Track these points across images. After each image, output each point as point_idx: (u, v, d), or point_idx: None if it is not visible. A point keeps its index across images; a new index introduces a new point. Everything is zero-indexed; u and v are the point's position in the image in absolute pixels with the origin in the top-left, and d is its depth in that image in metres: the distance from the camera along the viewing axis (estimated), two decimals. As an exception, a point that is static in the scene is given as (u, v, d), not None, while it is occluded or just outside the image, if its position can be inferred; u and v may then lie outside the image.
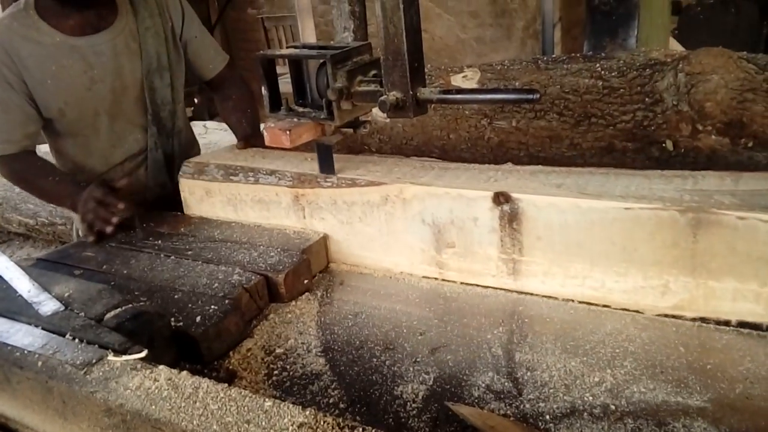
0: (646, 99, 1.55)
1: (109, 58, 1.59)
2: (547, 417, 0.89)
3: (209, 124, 4.63)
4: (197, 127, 4.57)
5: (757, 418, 0.85)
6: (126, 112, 1.67)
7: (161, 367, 0.88)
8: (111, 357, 0.91)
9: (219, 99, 1.94)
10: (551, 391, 0.94)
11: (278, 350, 1.10)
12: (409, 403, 0.94)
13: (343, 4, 3.95)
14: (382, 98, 1.11)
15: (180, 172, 1.58)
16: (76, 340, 0.97)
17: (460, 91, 1.11)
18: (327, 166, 1.36)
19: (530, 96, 0.99)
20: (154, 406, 0.81)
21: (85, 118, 1.62)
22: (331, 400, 0.96)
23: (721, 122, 1.46)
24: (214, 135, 4.16)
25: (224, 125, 4.62)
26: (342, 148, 2.26)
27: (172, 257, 1.33)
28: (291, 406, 0.79)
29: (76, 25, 1.57)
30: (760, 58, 1.52)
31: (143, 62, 1.63)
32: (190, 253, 1.34)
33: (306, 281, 1.29)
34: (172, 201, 1.65)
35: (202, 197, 1.56)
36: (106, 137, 1.67)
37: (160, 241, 1.41)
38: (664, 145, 1.54)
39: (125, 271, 1.29)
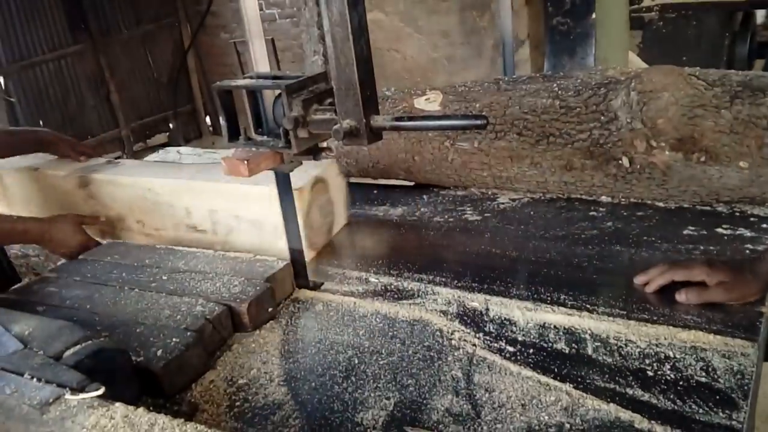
0: (602, 117, 1.59)
1: None
2: (504, 438, 0.91)
3: (183, 149, 4.63)
4: (171, 152, 4.57)
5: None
6: None
7: (117, 404, 0.88)
8: (68, 396, 0.91)
9: None
10: (508, 411, 0.96)
11: (241, 381, 1.10)
12: (369, 430, 0.95)
13: (312, 29, 4.00)
14: (335, 127, 1.13)
15: None
16: (35, 380, 0.97)
17: (411, 118, 1.13)
18: (287, 197, 1.37)
19: (478, 122, 1.02)
20: (109, 445, 0.82)
21: None
22: (291, 430, 0.97)
23: (674, 138, 1.50)
24: (188, 161, 4.15)
25: (199, 150, 4.62)
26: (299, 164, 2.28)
27: (136, 290, 1.33)
28: (246, 439, 0.79)
29: None
30: (712, 73, 1.57)
31: None
32: (154, 285, 1.34)
33: (270, 309, 1.30)
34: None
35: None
36: None
37: (124, 274, 1.42)
38: (620, 162, 1.57)
39: (88, 306, 1.29)
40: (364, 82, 1.12)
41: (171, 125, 6.90)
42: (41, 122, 5.88)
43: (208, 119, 7.24)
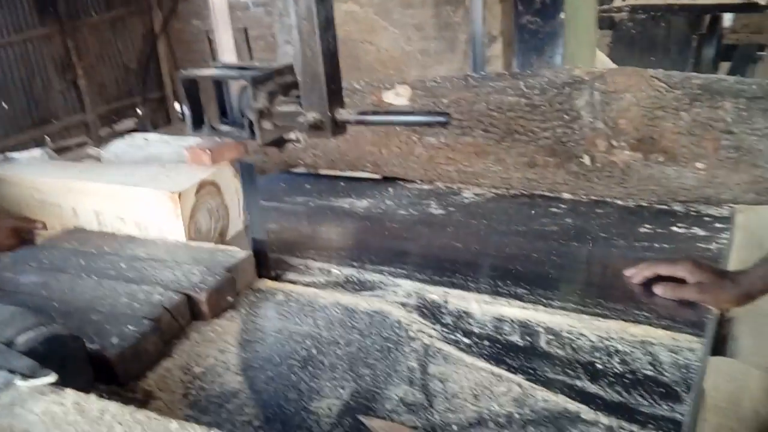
0: (565, 116, 1.61)
1: None
2: (455, 427, 0.92)
3: (150, 136, 4.56)
4: (137, 139, 4.50)
5: (649, 423, 0.90)
6: None
7: (68, 390, 0.88)
8: (19, 382, 0.90)
9: None
10: (460, 401, 0.97)
11: (197, 369, 1.10)
12: (323, 419, 0.96)
13: (284, 18, 3.99)
14: (300, 119, 1.14)
15: None
16: (-15, 366, 0.95)
17: (376, 112, 1.14)
18: (249, 182, 1.37)
19: (440, 118, 1.03)
20: (58, 431, 0.81)
21: None
22: (245, 419, 0.98)
23: (634, 138, 1.53)
24: (155, 148, 4.10)
25: (167, 138, 4.58)
26: (278, 162, 2.28)
27: (94, 277, 1.31)
28: (197, 426, 0.79)
29: None
30: (674, 75, 1.60)
31: None
32: (112, 272, 1.33)
33: (230, 299, 1.29)
34: None
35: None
36: None
37: (82, 261, 1.40)
38: (582, 160, 1.60)
39: (44, 293, 1.27)
40: (330, 75, 1.12)
41: (139, 111, 6.79)
42: (5, 105, 5.74)
43: (177, 106, 7.15)
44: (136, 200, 1.51)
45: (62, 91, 6.15)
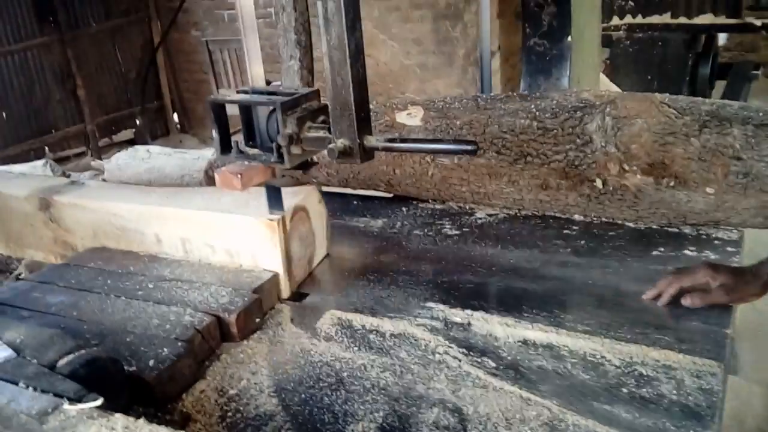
0: (577, 140, 1.66)
1: None
2: (489, 451, 0.96)
3: (153, 148, 4.57)
4: (140, 151, 4.50)
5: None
6: None
7: (117, 415, 0.90)
8: (67, 406, 0.92)
9: None
10: (493, 426, 1.00)
11: (231, 391, 1.13)
12: (360, 441, 0.99)
13: (289, 34, 4.00)
14: (330, 146, 1.17)
15: None
16: (30, 389, 0.97)
17: (404, 140, 1.18)
18: (276, 205, 1.40)
19: (468, 147, 1.07)
20: (112, 456, 0.83)
21: None
22: (284, 441, 1.00)
23: (646, 163, 1.58)
24: (158, 160, 4.11)
25: (168, 150, 4.58)
26: (291, 180, 2.31)
27: (123, 298, 1.34)
28: (248, 451, 0.82)
29: None
30: (681, 100, 1.65)
31: None
32: (140, 293, 1.36)
33: (257, 320, 1.32)
34: None
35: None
36: None
37: (110, 281, 1.42)
38: (594, 183, 1.64)
39: (75, 313, 1.30)
40: (359, 103, 1.16)
41: (138, 121, 6.80)
42: (4, 115, 5.74)
43: (176, 117, 7.16)
44: (228, 227, 1.45)
45: (62, 100, 6.15)
